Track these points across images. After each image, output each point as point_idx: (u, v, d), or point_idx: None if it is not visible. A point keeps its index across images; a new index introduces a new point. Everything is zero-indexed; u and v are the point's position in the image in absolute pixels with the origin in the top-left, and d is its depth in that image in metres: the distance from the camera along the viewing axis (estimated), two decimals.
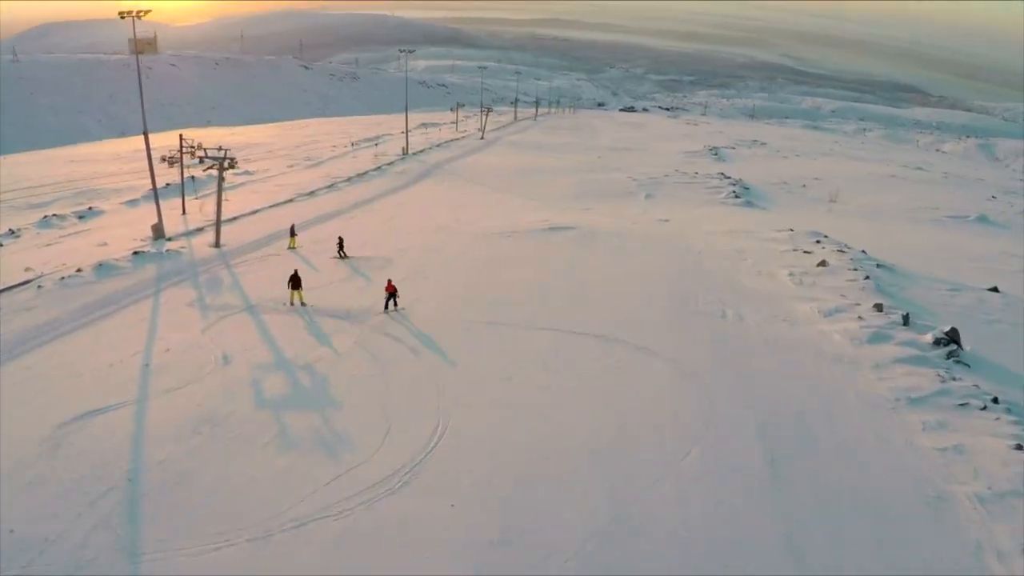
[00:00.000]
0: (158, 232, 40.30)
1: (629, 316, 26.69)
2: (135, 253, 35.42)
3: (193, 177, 51.39)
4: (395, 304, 27.00)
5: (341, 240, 35.49)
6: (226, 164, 38.99)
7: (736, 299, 28.69)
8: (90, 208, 50.36)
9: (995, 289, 31.79)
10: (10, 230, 42.77)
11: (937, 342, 24.11)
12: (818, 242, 38.22)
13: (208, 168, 43.63)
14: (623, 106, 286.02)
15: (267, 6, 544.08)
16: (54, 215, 47.39)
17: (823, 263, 32.68)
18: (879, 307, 27.01)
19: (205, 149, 40.80)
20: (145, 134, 42.87)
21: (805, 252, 35.50)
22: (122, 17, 39.11)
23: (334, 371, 21.79)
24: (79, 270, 31.84)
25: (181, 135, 49.10)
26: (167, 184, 55.41)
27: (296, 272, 28.20)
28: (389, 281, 27.49)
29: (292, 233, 37.87)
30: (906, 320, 25.90)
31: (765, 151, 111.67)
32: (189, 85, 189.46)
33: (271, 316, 26.71)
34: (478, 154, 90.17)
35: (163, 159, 57.67)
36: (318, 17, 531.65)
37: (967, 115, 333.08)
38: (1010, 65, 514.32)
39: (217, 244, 38.10)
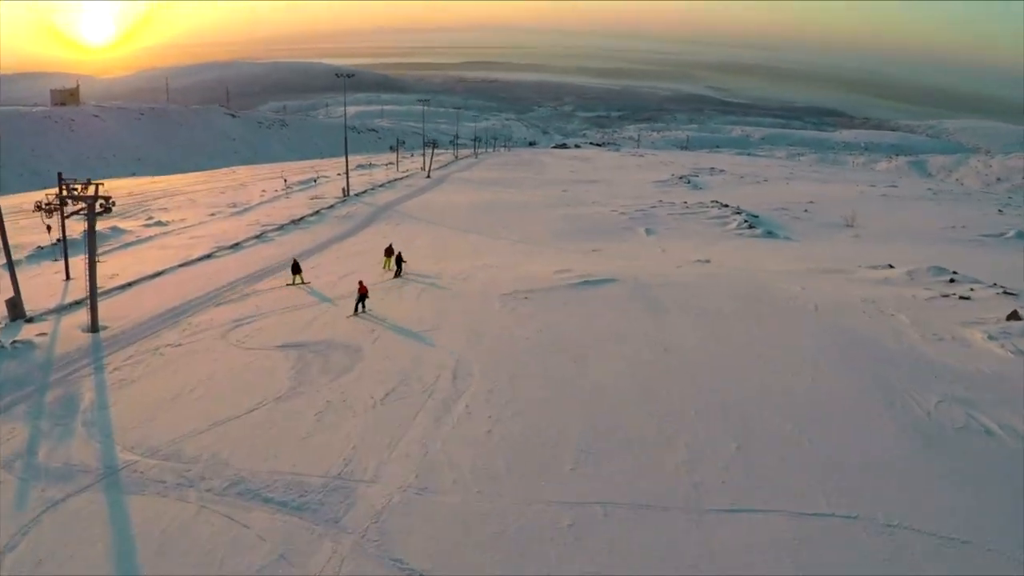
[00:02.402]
0: (15, 311, 27.87)
1: (849, 454, 14.63)
2: None
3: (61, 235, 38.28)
4: (364, 307, 25.98)
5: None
6: (99, 208, 26.41)
7: (960, 391, 17.29)
8: None
9: None
10: None
11: None
12: (952, 281, 27.65)
13: (71, 213, 31.08)
14: (555, 143, 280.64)
15: (194, 57, 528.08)
16: None
17: (1015, 315, 21.89)
18: None
19: (70, 187, 28.33)
20: None
21: (962, 298, 24.77)
22: None
23: None
24: None
25: (60, 173, 36.09)
26: (57, 240, 42.36)
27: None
28: (361, 282, 26.97)
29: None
30: None
31: (732, 178, 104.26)
32: (113, 136, 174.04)
33: (147, 500, 13.71)
34: (430, 192, 78.98)
35: (38, 207, 44.80)
36: (243, 67, 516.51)
37: (894, 135, 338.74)
38: (925, 83, 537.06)
39: (94, 328, 25.57)
